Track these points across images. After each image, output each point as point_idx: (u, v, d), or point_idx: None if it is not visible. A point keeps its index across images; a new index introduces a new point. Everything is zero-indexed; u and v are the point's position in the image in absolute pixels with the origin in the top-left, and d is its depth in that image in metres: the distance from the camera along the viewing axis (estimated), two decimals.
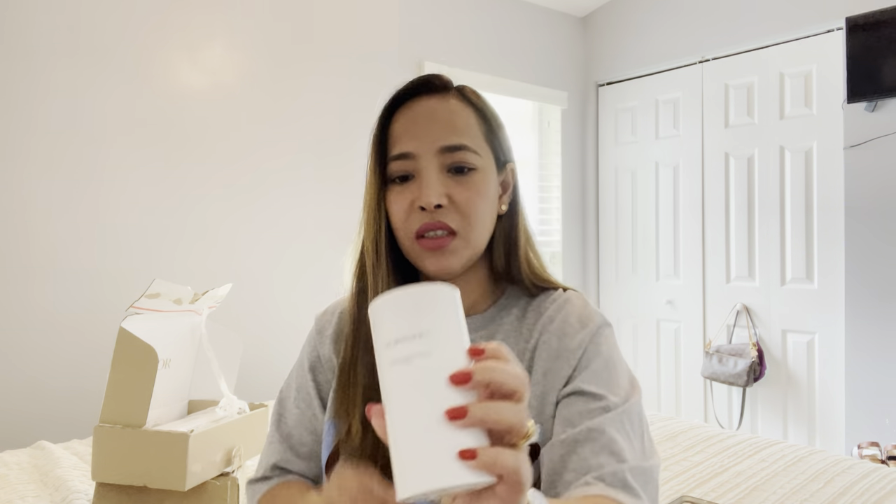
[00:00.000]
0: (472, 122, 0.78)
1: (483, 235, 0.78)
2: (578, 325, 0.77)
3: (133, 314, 1.15)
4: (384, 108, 0.81)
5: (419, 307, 0.45)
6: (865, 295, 2.75)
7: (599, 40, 3.78)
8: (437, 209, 0.74)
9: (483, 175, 0.77)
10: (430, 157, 0.75)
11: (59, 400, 2.14)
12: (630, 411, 0.72)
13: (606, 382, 0.73)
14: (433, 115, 0.77)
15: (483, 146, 0.79)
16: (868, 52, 2.66)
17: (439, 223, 0.74)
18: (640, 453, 0.69)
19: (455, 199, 0.75)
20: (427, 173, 0.75)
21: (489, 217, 0.79)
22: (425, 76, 0.81)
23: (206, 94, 2.48)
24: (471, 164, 0.76)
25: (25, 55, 2.11)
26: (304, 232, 2.73)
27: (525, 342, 0.78)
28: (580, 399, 0.72)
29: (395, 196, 0.77)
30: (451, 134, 0.76)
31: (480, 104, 0.81)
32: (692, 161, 3.40)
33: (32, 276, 2.12)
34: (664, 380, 3.52)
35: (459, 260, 0.76)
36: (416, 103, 0.79)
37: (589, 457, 0.66)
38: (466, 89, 0.82)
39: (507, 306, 0.83)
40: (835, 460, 1.69)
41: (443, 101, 0.78)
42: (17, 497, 1.40)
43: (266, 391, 2.55)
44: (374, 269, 0.78)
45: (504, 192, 0.83)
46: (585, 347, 0.75)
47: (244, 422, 1.27)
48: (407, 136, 0.77)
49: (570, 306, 0.79)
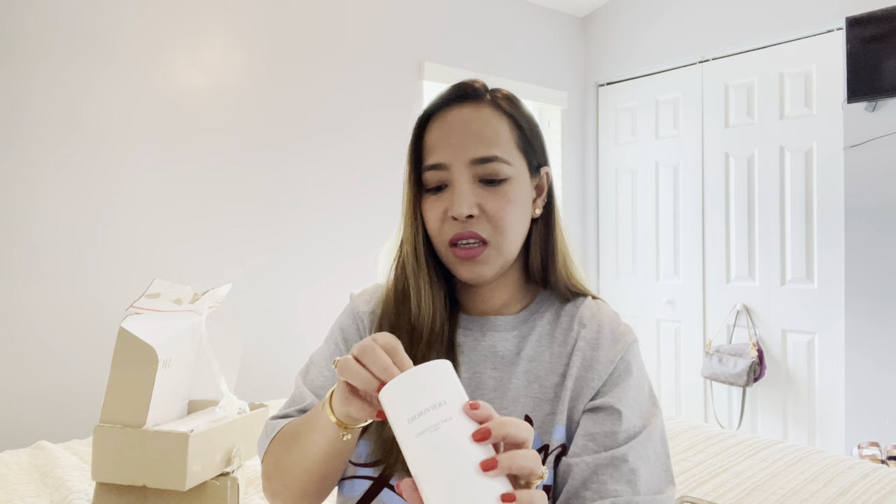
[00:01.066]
0: (504, 131, 0.79)
1: (515, 243, 0.79)
2: (611, 339, 0.79)
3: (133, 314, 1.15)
4: (419, 117, 0.82)
5: (430, 382, 0.54)
6: (865, 295, 2.75)
7: (599, 40, 3.78)
8: (468, 219, 0.76)
9: (515, 184, 0.78)
10: (461, 167, 0.77)
11: (59, 400, 2.14)
12: (652, 435, 0.75)
13: (633, 402, 0.76)
14: (465, 126, 0.78)
15: (515, 154, 0.79)
16: (868, 52, 2.66)
17: (471, 233, 0.76)
18: (658, 482, 0.73)
19: (486, 210, 0.77)
20: (459, 184, 0.77)
21: (522, 224, 0.80)
22: (459, 84, 0.82)
23: (206, 94, 2.48)
24: (502, 175, 0.77)
25: (25, 55, 2.10)
26: (304, 231, 2.73)
27: (560, 346, 0.80)
28: (607, 418, 0.74)
29: (430, 205, 0.79)
30: (482, 145, 0.77)
31: (513, 111, 0.81)
32: (692, 161, 3.40)
33: (32, 276, 2.12)
34: (664, 380, 3.52)
35: (492, 269, 0.78)
36: (449, 112, 0.80)
37: (608, 482, 0.70)
38: (500, 96, 0.82)
39: (540, 310, 0.84)
40: (835, 460, 1.69)
41: (475, 111, 0.79)
42: (17, 497, 1.40)
43: (266, 391, 2.55)
44: (415, 273, 0.81)
45: (538, 196, 0.83)
46: (616, 363, 0.77)
47: (244, 422, 1.27)
48: (439, 147, 0.78)
49: (603, 316, 0.81)
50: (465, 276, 0.78)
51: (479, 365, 0.80)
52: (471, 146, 0.77)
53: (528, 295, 0.86)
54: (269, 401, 2.32)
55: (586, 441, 0.74)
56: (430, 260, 0.82)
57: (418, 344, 0.80)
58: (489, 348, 0.81)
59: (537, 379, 0.78)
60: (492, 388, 0.78)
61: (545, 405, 0.76)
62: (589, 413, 0.76)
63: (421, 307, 0.80)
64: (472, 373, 0.80)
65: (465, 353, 0.81)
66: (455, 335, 0.83)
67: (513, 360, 0.80)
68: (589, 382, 0.77)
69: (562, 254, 0.84)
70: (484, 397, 0.78)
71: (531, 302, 0.85)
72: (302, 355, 2.66)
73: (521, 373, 0.79)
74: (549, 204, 0.84)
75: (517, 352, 0.80)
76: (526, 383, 0.78)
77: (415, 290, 0.81)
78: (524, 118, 0.82)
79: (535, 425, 0.75)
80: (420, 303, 0.80)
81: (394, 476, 0.76)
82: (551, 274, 0.84)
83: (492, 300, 0.84)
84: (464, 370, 0.80)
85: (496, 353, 0.81)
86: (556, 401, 0.76)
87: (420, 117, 0.82)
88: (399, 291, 0.83)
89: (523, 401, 0.77)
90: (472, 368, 0.80)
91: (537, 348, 0.80)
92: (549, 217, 0.84)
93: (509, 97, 0.82)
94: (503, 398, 0.77)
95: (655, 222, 3.56)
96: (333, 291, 2.74)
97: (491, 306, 0.84)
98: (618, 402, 0.75)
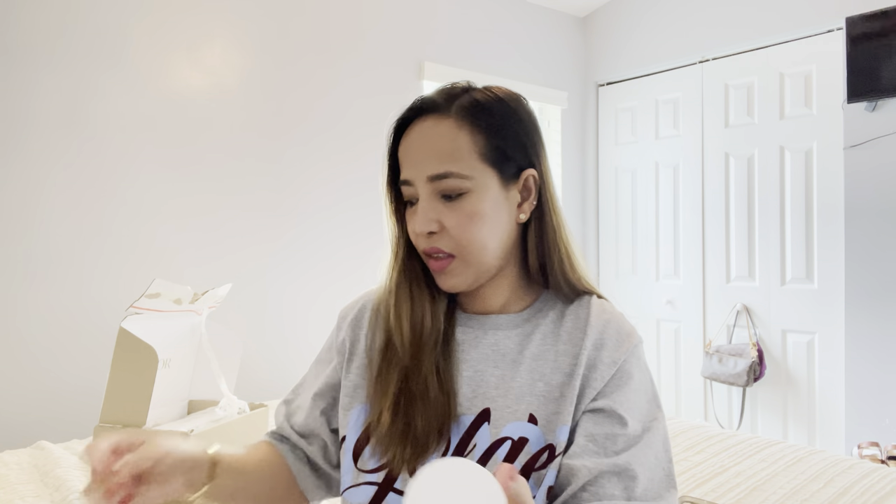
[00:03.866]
0: (465, 143, 0.77)
1: (486, 254, 0.79)
2: (616, 340, 0.79)
3: (133, 314, 1.15)
4: (390, 131, 0.83)
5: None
6: (865, 295, 2.75)
7: (599, 40, 3.78)
8: (431, 235, 0.78)
9: (475, 197, 0.77)
10: (422, 184, 0.78)
11: (59, 400, 2.14)
12: (654, 441, 0.75)
13: (634, 406, 0.76)
14: (423, 142, 0.78)
15: (477, 166, 0.77)
16: (868, 52, 2.66)
17: (435, 248, 0.78)
18: (658, 487, 0.74)
19: (446, 225, 0.77)
20: (421, 201, 0.78)
21: (493, 234, 0.78)
22: (423, 96, 0.81)
23: (206, 94, 2.47)
24: (459, 190, 0.76)
25: (25, 55, 2.10)
26: (304, 231, 2.73)
27: (566, 344, 0.80)
28: (607, 420, 0.75)
29: (408, 218, 0.81)
30: (436, 161, 0.76)
31: (481, 119, 0.78)
32: (692, 161, 3.40)
33: (32, 276, 2.12)
34: (664, 380, 3.52)
35: (465, 280, 0.79)
36: (414, 126, 0.80)
37: (607, 486, 0.71)
38: (466, 104, 0.78)
39: (544, 309, 0.84)
40: (835, 460, 1.69)
41: (436, 124, 0.78)
42: (17, 497, 1.40)
43: (266, 391, 2.55)
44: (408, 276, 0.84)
45: (524, 200, 0.81)
46: (620, 365, 0.77)
47: (244, 422, 1.27)
48: (405, 163, 0.80)
49: (609, 317, 0.81)
50: (441, 285, 0.80)
51: (481, 363, 0.80)
52: (427, 162, 0.77)
53: (530, 295, 0.86)
54: (269, 401, 2.32)
55: (586, 442, 0.74)
56: (418, 262, 0.83)
57: (416, 343, 0.80)
58: (491, 346, 0.81)
59: (542, 377, 0.78)
60: (494, 387, 0.78)
61: (550, 404, 0.76)
62: (590, 414, 0.76)
63: (413, 308, 0.82)
64: (473, 371, 0.80)
65: (465, 350, 0.81)
66: (454, 333, 0.83)
67: (516, 359, 0.79)
68: (591, 383, 0.76)
69: (559, 254, 0.82)
70: (486, 396, 0.78)
71: (534, 301, 0.85)
72: (302, 355, 2.66)
73: (525, 371, 0.78)
74: (542, 206, 0.82)
75: (520, 350, 0.80)
76: (530, 381, 0.77)
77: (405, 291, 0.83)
78: (497, 124, 0.78)
79: (540, 424, 0.75)
80: (412, 304, 0.82)
81: (398, 479, 0.76)
82: (550, 275, 0.83)
83: (490, 300, 0.84)
84: (465, 368, 0.80)
85: (498, 351, 0.80)
86: (561, 400, 0.76)
87: (391, 130, 0.83)
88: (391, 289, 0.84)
89: (528, 399, 0.76)
90: (474, 366, 0.80)
91: (542, 346, 0.80)
92: (542, 219, 0.82)
93: (478, 103, 0.79)
94: (506, 396, 0.77)
95: (655, 222, 3.56)
96: (334, 291, 2.74)
97: (491, 306, 0.84)
98: (620, 405, 0.75)
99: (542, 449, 0.74)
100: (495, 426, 0.75)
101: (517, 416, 0.75)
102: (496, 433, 0.75)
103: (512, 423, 0.75)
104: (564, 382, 0.77)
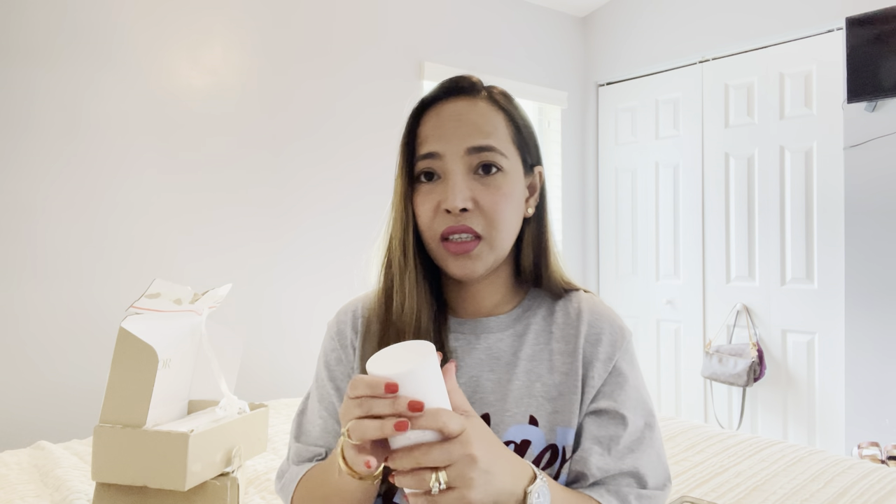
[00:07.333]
0: (500, 125, 0.78)
1: (507, 240, 0.78)
2: (610, 336, 0.79)
3: (133, 314, 1.15)
4: (413, 110, 0.81)
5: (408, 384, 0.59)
6: (865, 295, 2.75)
7: (599, 40, 3.78)
8: (462, 213, 0.74)
9: (510, 178, 0.77)
10: (456, 158, 0.75)
11: (59, 400, 2.14)
12: (654, 437, 0.78)
13: (634, 404, 0.78)
14: (461, 117, 0.77)
15: (510, 149, 0.78)
16: (868, 52, 2.66)
17: (464, 227, 0.74)
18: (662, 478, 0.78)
19: (481, 203, 0.75)
20: (453, 175, 0.75)
21: (515, 221, 0.79)
22: (455, 78, 0.81)
23: (206, 94, 2.48)
24: (498, 165, 0.76)
25: (25, 55, 2.10)
26: (304, 231, 2.73)
27: (559, 342, 0.80)
28: (610, 422, 0.76)
29: (422, 197, 0.77)
30: (479, 135, 0.76)
31: (509, 107, 0.81)
32: (692, 161, 3.40)
33: (32, 276, 2.12)
34: (664, 380, 3.52)
35: (484, 265, 0.77)
36: (444, 105, 0.79)
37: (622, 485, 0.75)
38: (495, 92, 0.81)
39: (533, 307, 0.84)
40: (835, 460, 1.69)
41: (471, 104, 0.78)
42: (17, 497, 1.40)
43: (266, 391, 2.55)
44: (401, 270, 0.79)
45: (531, 196, 0.83)
46: (616, 361, 0.78)
47: (244, 422, 1.27)
48: (434, 137, 0.77)
49: (600, 310, 0.82)
50: (455, 272, 0.76)
51: (476, 369, 0.79)
52: (467, 135, 0.76)
53: (518, 294, 0.85)
54: (269, 401, 2.32)
55: (592, 444, 0.75)
56: (419, 257, 0.79)
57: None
58: (486, 351, 0.80)
59: (539, 378, 0.78)
60: (491, 391, 0.77)
61: (549, 404, 0.76)
62: (593, 416, 0.76)
63: (405, 305, 0.78)
64: (468, 377, 0.79)
65: (460, 357, 0.80)
66: (446, 339, 0.80)
67: (511, 361, 0.79)
68: (589, 381, 0.77)
69: (554, 252, 0.84)
70: (484, 401, 0.77)
71: (522, 300, 0.84)
72: (302, 355, 2.66)
73: (522, 373, 0.78)
74: (542, 204, 0.84)
75: (514, 352, 0.80)
76: (527, 383, 0.77)
77: (399, 287, 0.78)
78: (519, 116, 0.81)
79: (541, 425, 0.75)
80: (404, 301, 0.78)
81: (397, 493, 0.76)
82: (545, 272, 0.83)
83: (483, 301, 0.82)
84: (460, 375, 0.78)
85: (493, 356, 0.80)
86: (560, 399, 0.76)
87: (415, 109, 0.81)
88: (385, 292, 0.81)
89: (526, 401, 0.76)
90: (469, 373, 0.79)
91: (535, 347, 0.80)
92: (540, 217, 0.84)
93: (505, 94, 0.82)
94: (504, 400, 0.77)
95: (655, 222, 3.56)
96: (334, 291, 2.74)
97: (482, 307, 0.83)
98: (621, 406, 0.76)
99: (545, 449, 0.75)
100: (496, 431, 0.75)
101: (517, 419, 0.75)
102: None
103: (513, 426, 0.75)
104: (561, 381, 0.77)
